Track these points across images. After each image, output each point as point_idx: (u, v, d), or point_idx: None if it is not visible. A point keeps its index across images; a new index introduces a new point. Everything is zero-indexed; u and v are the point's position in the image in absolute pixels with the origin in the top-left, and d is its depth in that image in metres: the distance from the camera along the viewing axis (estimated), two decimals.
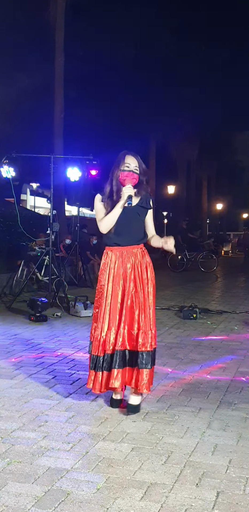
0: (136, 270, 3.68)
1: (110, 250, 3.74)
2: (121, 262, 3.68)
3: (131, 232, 3.72)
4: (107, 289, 3.67)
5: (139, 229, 3.77)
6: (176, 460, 2.91)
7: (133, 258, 3.69)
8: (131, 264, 3.68)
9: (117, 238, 3.70)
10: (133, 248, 3.71)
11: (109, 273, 3.69)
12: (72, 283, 11.68)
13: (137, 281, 3.66)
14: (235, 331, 6.86)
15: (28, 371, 4.66)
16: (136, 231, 3.75)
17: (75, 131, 20.38)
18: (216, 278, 15.93)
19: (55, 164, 9.07)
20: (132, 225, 3.72)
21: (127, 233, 3.70)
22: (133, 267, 3.67)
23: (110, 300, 3.66)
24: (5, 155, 9.06)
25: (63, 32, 17.45)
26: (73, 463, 2.85)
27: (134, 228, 3.73)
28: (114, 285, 3.67)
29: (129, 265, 3.67)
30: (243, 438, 3.24)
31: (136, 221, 3.74)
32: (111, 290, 3.67)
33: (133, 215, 3.72)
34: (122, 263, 3.68)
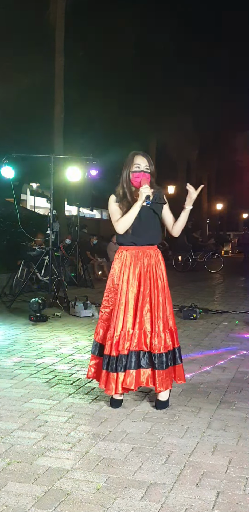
0: (151, 271, 3.67)
1: (126, 249, 3.73)
2: (136, 262, 3.67)
3: (147, 231, 3.71)
4: (122, 289, 3.65)
5: (155, 228, 3.77)
6: (176, 460, 2.91)
7: (148, 259, 3.69)
8: (146, 265, 3.67)
9: (134, 237, 3.69)
10: (147, 248, 3.71)
11: (124, 272, 3.67)
12: (72, 283, 11.68)
13: (151, 282, 3.66)
14: (235, 331, 6.86)
15: (28, 371, 4.67)
16: (152, 230, 3.75)
17: (75, 131, 20.38)
18: (216, 278, 15.93)
19: (55, 164, 9.07)
20: (148, 224, 3.71)
21: (143, 232, 3.69)
22: (148, 268, 3.67)
23: (125, 300, 3.63)
24: (5, 155, 9.06)
25: (63, 32, 17.44)
26: (73, 463, 2.85)
27: (150, 227, 3.73)
28: (129, 285, 3.64)
29: (144, 265, 3.67)
30: (243, 438, 3.24)
31: (152, 219, 3.74)
32: (126, 290, 3.64)
33: (149, 213, 3.72)
34: (138, 263, 3.67)
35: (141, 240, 3.70)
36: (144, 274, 3.65)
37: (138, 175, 3.67)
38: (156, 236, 3.78)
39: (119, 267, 3.71)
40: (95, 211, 35.15)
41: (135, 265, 3.67)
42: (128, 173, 3.71)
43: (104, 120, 22.20)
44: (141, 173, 3.67)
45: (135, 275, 3.66)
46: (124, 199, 3.71)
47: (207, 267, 17.86)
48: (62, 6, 17.47)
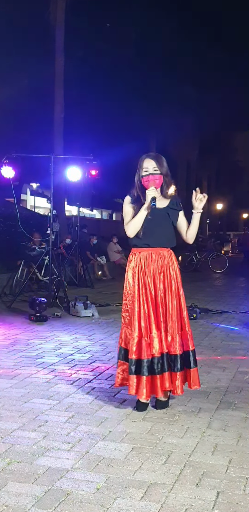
0: (165, 272, 3.67)
1: (138, 251, 3.72)
2: (150, 263, 3.67)
3: (161, 234, 3.72)
4: (138, 292, 3.64)
5: (168, 231, 3.77)
6: (176, 460, 2.91)
7: (161, 260, 3.68)
8: (160, 266, 3.67)
9: (147, 239, 3.69)
10: (161, 250, 3.71)
11: (139, 275, 3.67)
12: (72, 283, 11.68)
13: (166, 283, 3.66)
14: (236, 331, 6.86)
15: (28, 371, 4.67)
16: (165, 233, 3.75)
17: (75, 131, 20.38)
18: (216, 278, 15.93)
19: (55, 164, 9.08)
20: (161, 227, 3.71)
21: (157, 234, 3.69)
22: (162, 269, 3.67)
23: (142, 303, 3.62)
24: (5, 155, 9.06)
25: (63, 32, 17.44)
26: (73, 463, 2.85)
27: (163, 230, 3.73)
28: (145, 287, 3.64)
29: (158, 267, 3.66)
30: (243, 438, 3.24)
31: (166, 222, 3.74)
32: (144, 293, 3.63)
33: (162, 216, 3.72)
34: (152, 265, 3.66)
35: (154, 241, 3.69)
36: (158, 275, 3.65)
37: (147, 178, 3.69)
38: (169, 240, 3.77)
39: (133, 270, 3.70)
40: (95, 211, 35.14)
41: (149, 267, 3.66)
42: (139, 177, 3.74)
43: (104, 120, 22.20)
44: (149, 176, 3.69)
45: (150, 277, 3.64)
46: (138, 201, 3.73)
47: (212, 267, 17.84)
48: (62, 6, 17.46)
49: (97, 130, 22.57)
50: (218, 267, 17.94)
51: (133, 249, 3.78)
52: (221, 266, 17.93)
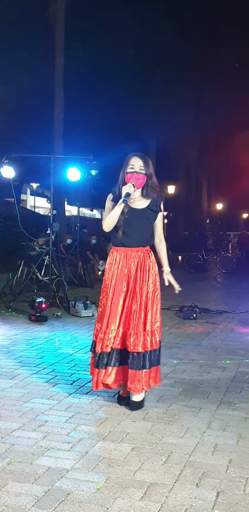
0: (139, 272, 3.70)
1: (116, 250, 3.78)
2: (125, 262, 3.71)
3: (137, 234, 3.74)
4: (110, 289, 3.71)
5: (146, 231, 3.79)
6: (176, 460, 2.91)
7: (137, 259, 3.71)
8: (135, 265, 3.70)
9: (124, 238, 3.72)
10: (138, 250, 3.74)
11: (113, 272, 3.73)
12: (72, 283, 11.67)
13: (137, 282, 3.69)
14: (235, 332, 6.86)
15: (28, 371, 4.67)
16: (143, 233, 3.77)
17: (75, 131, 20.37)
18: (216, 278, 15.93)
19: (55, 164, 9.07)
20: (139, 227, 3.74)
21: (133, 235, 3.72)
22: (136, 269, 3.70)
23: (112, 299, 3.69)
24: (5, 155, 9.05)
25: (63, 32, 17.44)
26: (73, 463, 2.85)
27: (140, 230, 3.75)
28: (117, 285, 3.70)
29: (133, 266, 3.70)
30: (243, 438, 3.24)
31: (144, 223, 3.76)
32: (113, 289, 3.70)
33: (141, 217, 3.74)
34: (127, 264, 3.71)
35: (130, 241, 3.73)
36: (132, 274, 3.69)
37: (131, 175, 3.69)
38: (146, 239, 3.79)
39: (109, 267, 3.77)
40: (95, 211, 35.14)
41: (123, 266, 3.71)
42: (123, 174, 3.74)
43: (104, 120, 22.20)
44: (133, 173, 3.69)
45: (123, 275, 3.70)
46: (119, 198, 3.74)
47: (219, 267, 17.83)
48: (62, 6, 17.46)
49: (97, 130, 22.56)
50: (226, 267, 17.90)
51: (112, 247, 3.84)
52: (229, 266, 17.90)
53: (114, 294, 3.69)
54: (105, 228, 3.75)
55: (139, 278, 3.69)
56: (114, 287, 3.70)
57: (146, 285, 3.70)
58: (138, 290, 3.67)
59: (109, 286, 3.72)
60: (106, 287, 3.74)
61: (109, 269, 3.76)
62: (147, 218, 3.76)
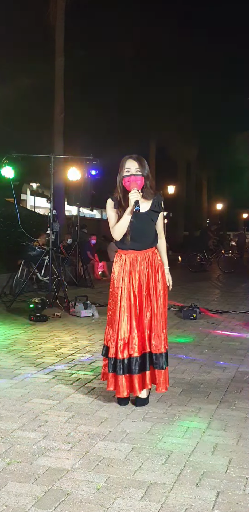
0: (149, 273, 3.72)
1: (124, 253, 3.77)
2: (136, 265, 3.72)
3: (145, 237, 3.76)
4: (122, 293, 3.70)
5: (152, 233, 3.82)
6: (176, 460, 2.91)
7: (146, 261, 3.73)
8: (145, 268, 3.72)
9: (133, 243, 3.73)
10: (146, 252, 3.76)
11: (123, 276, 3.72)
12: (72, 283, 11.68)
13: (150, 284, 3.71)
14: (235, 332, 6.86)
15: (28, 371, 4.67)
16: (149, 235, 3.79)
17: (75, 131, 20.37)
18: (216, 278, 15.93)
19: (55, 164, 9.07)
20: (146, 231, 3.76)
21: (142, 239, 3.74)
22: (147, 271, 3.72)
23: (126, 303, 3.68)
24: (5, 155, 9.05)
25: (63, 32, 17.44)
26: (73, 463, 2.85)
27: (147, 233, 3.78)
28: (129, 288, 3.69)
29: (143, 268, 3.71)
30: (243, 438, 3.24)
31: (149, 226, 3.78)
32: (127, 293, 3.69)
33: (146, 220, 3.76)
34: (137, 267, 3.71)
35: (138, 245, 3.75)
36: (143, 277, 3.71)
37: (128, 179, 3.69)
38: (153, 240, 3.82)
39: (119, 271, 3.76)
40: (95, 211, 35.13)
41: (135, 269, 3.72)
42: (121, 178, 3.75)
43: (104, 120, 22.19)
44: (131, 176, 3.69)
45: (135, 279, 3.70)
46: (120, 203, 3.75)
47: (221, 267, 17.80)
48: (62, 6, 17.47)
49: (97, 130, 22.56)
50: (228, 267, 17.87)
51: (119, 250, 3.84)
52: (231, 267, 17.87)
53: (128, 298, 3.67)
54: (116, 237, 3.74)
55: (151, 279, 3.71)
56: (127, 290, 3.68)
57: (158, 286, 3.72)
58: (152, 292, 3.69)
59: (122, 289, 3.69)
60: (117, 291, 3.72)
61: (119, 273, 3.74)
62: (152, 220, 3.79)
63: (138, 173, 3.69)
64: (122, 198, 3.72)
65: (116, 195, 3.77)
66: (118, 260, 3.79)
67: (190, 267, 17.55)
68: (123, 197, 3.71)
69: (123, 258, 3.76)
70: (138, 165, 3.70)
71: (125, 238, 3.72)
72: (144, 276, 3.70)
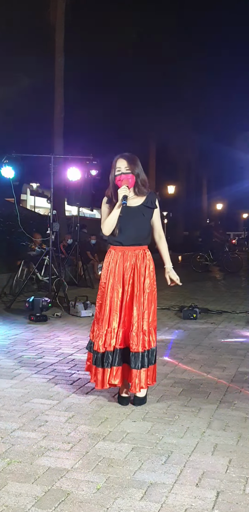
0: (136, 271, 3.74)
1: (114, 249, 3.81)
2: (122, 261, 3.76)
3: (134, 232, 3.77)
4: (108, 288, 3.75)
5: (143, 229, 3.82)
6: (176, 460, 2.91)
7: (134, 259, 3.76)
8: (132, 265, 3.74)
9: (120, 237, 3.76)
10: (135, 249, 3.77)
11: (110, 271, 3.77)
12: (72, 283, 11.68)
13: (135, 282, 3.72)
14: (235, 332, 6.86)
15: (28, 371, 4.67)
16: (140, 231, 3.80)
17: (75, 131, 20.38)
18: (216, 278, 15.93)
19: (55, 164, 9.07)
20: (135, 225, 3.77)
21: (130, 233, 3.76)
22: (133, 268, 3.75)
23: (111, 298, 3.73)
24: (5, 155, 9.05)
25: (63, 32, 17.45)
26: (73, 463, 2.85)
27: (137, 228, 3.79)
28: (114, 284, 3.74)
29: (129, 265, 3.74)
30: (243, 438, 3.24)
31: (140, 221, 3.80)
32: (112, 288, 3.74)
33: (137, 215, 3.78)
34: (124, 263, 3.75)
35: (127, 240, 3.76)
36: (129, 273, 3.73)
37: (119, 178, 3.75)
38: (144, 237, 3.83)
39: (107, 266, 3.80)
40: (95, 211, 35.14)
41: (120, 265, 3.75)
42: (112, 177, 3.81)
43: (104, 120, 22.20)
44: (121, 175, 3.75)
45: (120, 274, 3.74)
46: (112, 200, 3.81)
47: (227, 267, 17.77)
48: (62, 5, 17.47)
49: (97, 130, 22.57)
50: (233, 267, 17.83)
51: (110, 246, 3.86)
52: (236, 266, 17.83)
53: (113, 293, 3.72)
54: (105, 232, 3.78)
55: (137, 277, 3.72)
56: (112, 286, 3.73)
57: (143, 284, 3.73)
58: (136, 290, 3.70)
59: (107, 285, 3.75)
60: (104, 286, 3.78)
61: (107, 267, 3.79)
62: (143, 215, 3.80)
63: (127, 171, 3.75)
64: (113, 196, 3.79)
65: (109, 193, 3.83)
66: (107, 255, 3.83)
67: (194, 267, 17.52)
68: (115, 194, 3.77)
69: (112, 253, 3.80)
70: (127, 164, 3.75)
71: (113, 231, 3.76)
72: (128, 274, 3.72)
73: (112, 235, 3.78)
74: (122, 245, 3.77)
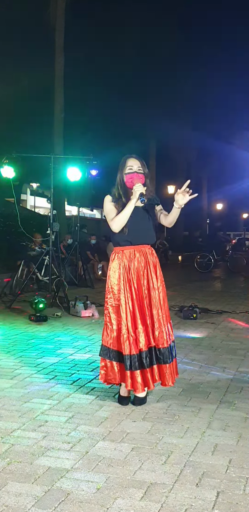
0: (148, 269, 3.76)
1: (121, 250, 3.79)
2: (134, 261, 3.75)
3: (142, 231, 3.80)
4: (124, 289, 3.71)
5: (150, 228, 3.86)
6: (176, 460, 2.91)
7: (144, 257, 3.78)
8: (143, 263, 3.76)
9: (130, 236, 3.76)
10: (143, 247, 3.79)
11: (122, 273, 3.73)
12: (72, 283, 11.68)
13: (149, 280, 3.75)
14: (235, 332, 6.86)
15: (28, 371, 4.67)
16: (147, 230, 3.84)
17: (75, 131, 20.38)
18: (216, 278, 15.93)
19: (55, 164, 9.07)
20: (143, 224, 3.80)
21: (139, 232, 3.78)
22: (145, 266, 3.76)
23: (131, 299, 3.70)
24: (5, 155, 9.06)
25: (63, 32, 17.45)
26: (73, 463, 2.85)
27: (144, 227, 3.82)
28: (129, 285, 3.72)
29: (142, 264, 3.75)
30: (243, 438, 3.24)
31: (145, 220, 3.83)
32: (129, 289, 3.71)
33: (143, 214, 3.82)
34: (135, 262, 3.75)
35: (136, 239, 3.78)
36: (142, 272, 3.74)
37: (131, 176, 3.76)
38: (151, 236, 3.87)
39: (117, 268, 3.77)
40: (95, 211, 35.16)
41: (133, 264, 3.75)
42: (122, 175, 3.80)
43: (104, 120, 22.21)
44: (134, 174, 3.76)
45: (134, 274, 3.73)
46: (119, 199, 3.79)
47: (230, 267, 17.76)
48: (62, 5, 17.48)
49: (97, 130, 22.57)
50: (237, 267, 17.82)
51: (116, 247, 3.84)
52: (240, 266, 17.82)
53: (131, 293, 3.70)
54: (116, 228, 3.73)
55: (150, 275, 3.74)
56: (128, 287, 3.70)
57: (157, 281, 3.76)
58: (151, 288, 3.73)
59: (120, 286, 3.72)
60: (118, 289, 3.73)
61: (117, 270, 3.76)
62: (149, 214, 3.84)
63: (140, 171, 3.77)
64: (123, 195, 3.77)
65: (115, 191, 3.82)
66: (116, 257, 3.80)
67: (198, 267, 17.50)
68: (124, 193, 3.76)
69: (121, 254, 3.78)
70: (140, 164, 3.80)
71: (122, 231, 3.75)
72: (142, 272, 3.73)
73: (122, 234, 3.75)
74: (131, 244, 3.77)
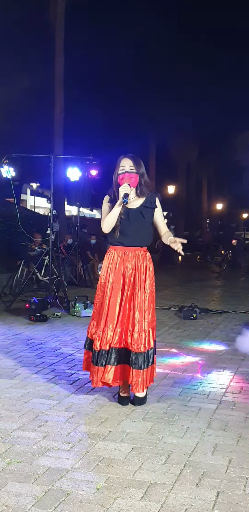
0: (136, 272, 3.75)
1: (114, 249, 3.83)
2: (123, 262, 3.77)
3: (135, 233, 3.78)
4: (107, 287, 3.76)
5: (143, 230, 3.83)
6: (176, 460, 2.91)
7: (135, 259, 3.76)
8: (132, 265, 3.75)
9: (121, 237, 3.78)
10: (135, 250, 3.78)
11: (110, 271, 3.78)
12: (72, 283, 11.68)
13: (136, 282, 3.73)
14: (235, 331, 6.86)
15: (28, 371, 4.67)
16: (140, 232, 3.81)
17: (75, 131, 20.38)
18: (216, 278, 15.93)
19: (55, 164, 9.07)
20: (135, 226, 3.78)
21: (130, 234, 3.77)
22: (133, 268, 3.76)
23: (109, 298, 3.74)
24: (5, 155, 9.06)
25: (63, 32, 17.45)
26: (73, 463, 2.86)
27: (137, 229, 3.79)
28: (114, 283, 3.75)
29: (130, 266, 3.76)
30: (243, 438, 3.24)
31: (140, 222, 3.80)
32: (111, 288, 3.75)
33: (136, 215, 3.80)
34: (124, 263, 3.76)
35: (128, 241, 3.78)
36: (129, 274, 3.74)
37: (123, 176, 3.77)
38: (144, 238, 3.84)
39: (107, 266, 3.81)
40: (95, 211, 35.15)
41: (121, 265, 3.76)
42: (116, 176, 3.82)
43: (104, 120, 22.20)
44: (125, 174, 3.76)
45: (120, 274, 3.75)
46: (115, 200, 3.81)
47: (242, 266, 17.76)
48: (62, 5, 17.47)
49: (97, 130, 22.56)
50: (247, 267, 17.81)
51: (110, 246, 3.87)
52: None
53: (112, 293, 3.73)
54: (105, 229, 3.79)
55: (137, 278, 3.73)
56: (112, 285, 3.74)
57: (144, 285, 3.74)
58: (136, 290, 3.71)
59: (107, 284, 3.76)
60: (103, 285, 3.80)
61: (106, 267, 3.80)
62: (143, 217, 3.81)
63: (131, 171, 3.77)
64: (117, 195, 3.79)
65: (112, 192, 3.85)
66: (108, 255, 3.84)
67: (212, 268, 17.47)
68: (118, 194, 3.78)
69: (112, 253, 3.81)
70: (132, 163, 3.78)
71: (114, 232, 3.76)
72: (129, 274, 3.73)
73: (113, 236, 3.78)
74: (123, 245, 3.78)
